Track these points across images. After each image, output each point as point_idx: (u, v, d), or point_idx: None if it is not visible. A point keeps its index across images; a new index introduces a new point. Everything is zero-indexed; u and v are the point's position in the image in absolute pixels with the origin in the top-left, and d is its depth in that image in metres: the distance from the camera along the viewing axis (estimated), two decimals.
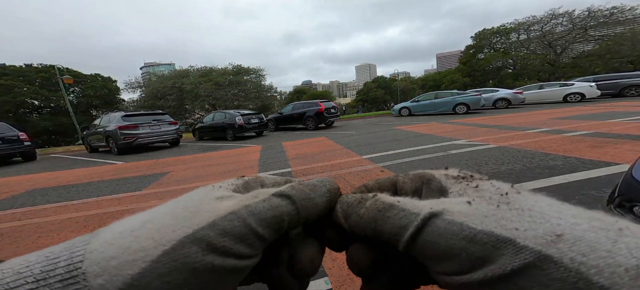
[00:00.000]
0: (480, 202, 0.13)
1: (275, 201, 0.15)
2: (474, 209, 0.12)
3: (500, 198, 0.13)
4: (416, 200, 0.14)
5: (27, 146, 7.73)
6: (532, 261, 0.10)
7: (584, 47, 22.79)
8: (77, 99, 22.77)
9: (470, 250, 0.11)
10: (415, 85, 32.55)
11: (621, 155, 2.54)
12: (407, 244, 0.13)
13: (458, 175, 0.16)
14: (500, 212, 0.12)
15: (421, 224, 0.12)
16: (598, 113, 6.05)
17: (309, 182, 0.17)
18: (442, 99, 10.92)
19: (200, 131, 9.65)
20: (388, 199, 0.15)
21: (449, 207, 0.13)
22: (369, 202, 0.15)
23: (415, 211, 0.13)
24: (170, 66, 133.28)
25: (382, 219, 0.14)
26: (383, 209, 0.14)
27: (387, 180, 0.20)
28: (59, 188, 3.56)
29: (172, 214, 0.13)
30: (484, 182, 0.14)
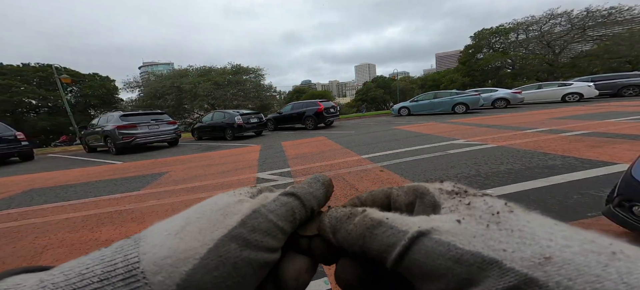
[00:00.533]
0: (470, 220, 0.13)
1: (284, 199, 0.17)
2: (463, 228, 0.12)
3: (490, 217, 0.12)
4: (406, 216, 0.14)
5: (24, 146, 7.69)
6: (517, 284, 0.10)
7: (583, 47, 22.88)
8: (75, 99, 22.67)
9: (456, 271, 0.11)
10: (414, 85, 32.60)
11: (619, 155, 2.54)
12: (395, 263, 0.13)
13: (451, 190, 0.16)
14: (490, 232, 0.12)
15: (408, 243, 0.12)
16: (596, 113, 6.07)
17: (307, 180, 0.19)
18: (441, 99, 10.94)
19: (199, 131, 9.62)
20: (377, 215, 0.15)
21: (437, 225, 0.13)
22: (357, 218, 0.15)
23: (404, 229, 0.13)
24: (169, 66, 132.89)
25: (369, 236, 0.14)
26: (371, 226, 0.14)
27: (381, 192, 0.20)
28: (56, 188, 3.54)
29: (204, 217, 0.15)
30: (477, 199, 0.14)
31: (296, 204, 0.17)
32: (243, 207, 0.16)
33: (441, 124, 6.93)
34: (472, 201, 0.14)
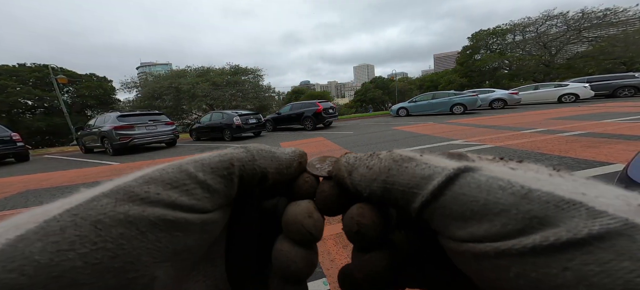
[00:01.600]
0: (526, 170, 0.10)
1: (229, 150, 0.14)
2: (520, 173, 0.10)
3: (551, 170, 0.10)
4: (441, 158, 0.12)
5: (19, 147, 7.60)
6: (617, 228, 0.08)
7: (578, 49, 23.16)
8: (72, 99, 22.49)
9: (523, 207, 0.09)
10: (413, 86, 32.74)
11: (615, 155, 2.57)
12: (427, 200, 0.11)
13: (493, 158, 0.13)
14: (555, 179, 0.10)
15: (453, 174, 0.10)
16: (592, 113, 6.13)
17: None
18: (439, 100, 10.99)
19: (197, 131, 9.58)
20: (407, 152, 0.12)
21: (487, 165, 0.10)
22: (382, 154, 0.13)
23: (441, 165, 0.11)
24: (167, 66, 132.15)
25: (397, 169, 0.12)
26: (400, 160, 0.12)
27: None
28: (52, 189, 3.50)
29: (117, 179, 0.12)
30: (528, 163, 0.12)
31: (241, 155, 0.14)
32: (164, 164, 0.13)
33: (440, 124, 6.96)
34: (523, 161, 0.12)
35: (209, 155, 0.13)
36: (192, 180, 0.12)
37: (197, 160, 0.13)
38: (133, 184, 0.11)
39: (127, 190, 0.11)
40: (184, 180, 0.12)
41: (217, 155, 0.13)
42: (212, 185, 0.12)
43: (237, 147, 0.15)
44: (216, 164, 0.13)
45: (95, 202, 0.10)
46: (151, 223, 0.10)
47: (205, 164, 0.13)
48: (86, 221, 0.09)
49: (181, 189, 0.11)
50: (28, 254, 0.08)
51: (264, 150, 0.15)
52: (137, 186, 0.11)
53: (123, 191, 0.10)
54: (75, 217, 0.09)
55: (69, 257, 0.09)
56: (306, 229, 0.14)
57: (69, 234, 0.09)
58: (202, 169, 0.12)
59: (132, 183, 0.11)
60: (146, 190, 0.11)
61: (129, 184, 0.11)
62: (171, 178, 0.11)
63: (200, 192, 0.12)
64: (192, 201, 0.12)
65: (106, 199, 0.10)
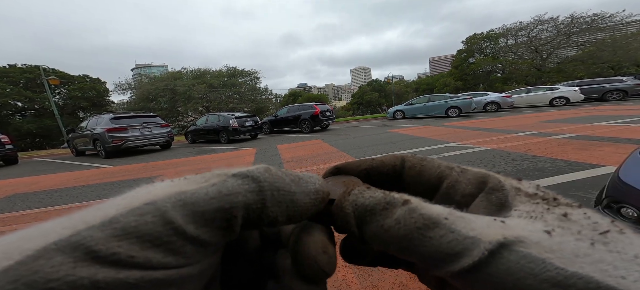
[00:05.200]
0: (564, 234, 0.09)
1: (231, 184, 0.10)
2: (557, 242, 0.09)
3: (595, 235, 0.09)
4: (470, 215, 0.10)
5: (8, 149, 7.39)
6: None
7: (568, 53, 23.81)
8: (64, 101, 22.03)
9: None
10: (408, 89, 33.04)
11: (606, 158, 2.62)
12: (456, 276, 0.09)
13: (534, 193, 0.11)
14: (597, 253, 0.08)
15: (485, 256, 0.09)
16: (582, 116, 6.28)
17: (293, 172, 0.13)
18: (435, 102, 11.13)
19: (193, 134, 9.48)
20: (429, 211, 0.10)
21: (523, 234, 0.09)
22: (399, 211, 0.11)
23: (471, 234, 0.09)
24: (162, 68, 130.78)
25: (420, 239, 0.10)
26: (423, 227, 0.10)
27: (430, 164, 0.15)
28: (40, 193, 3.40)
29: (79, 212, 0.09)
30: (574, 210, 0.10)
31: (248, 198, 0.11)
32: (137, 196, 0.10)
33: (435, 127, 7.03)
34: (567, 213, 0.10)
35: (203, 193, 0.10)
36: (180, 236, 0.09)
37: (186, 202, 0.10)
38: (96, 236, 0.08)
39: (88, 248, 0.08)
40: (169, 237, 0.09)
41: (214, 193, 0.10)
42: (206, 240, 0.10)
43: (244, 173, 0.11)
44: (212, 212, 0.10)
45: (42, 260, 0.07)
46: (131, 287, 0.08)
47: (197, 212, 0.10)
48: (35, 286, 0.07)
49: (165, 247, 0.09)
50: None
51: (282, 191, 0.12)
52: (102, 241, 0.08)
53: (84, 248, 0.08)
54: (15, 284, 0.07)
55: None
56: (320, 267, 0.12)
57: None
58: (193, 220, 0.09)
59: (94, 235, 0.08)
60: (114, 251, 0.08)
61: (89, 236, 0.08)
62: (151, 233, 0.09)
63: (190, 249, 0.09)
64: (180, 261, 0.09)
65: (59, 257, 0.08)
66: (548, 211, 0.10)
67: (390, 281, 1.13)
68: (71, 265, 0.08)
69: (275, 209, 0.11)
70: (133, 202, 0.09)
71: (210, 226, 0.10)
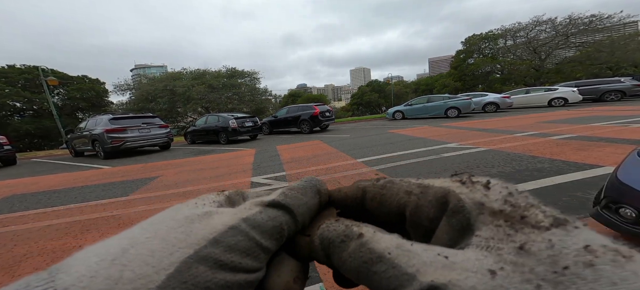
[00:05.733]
0: (511, 274, 0.08)
1: (272, 212, 0.14)
2: (497, 285, 0.08)
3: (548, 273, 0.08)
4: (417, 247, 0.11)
5: (6, 150, 7.36)
6: None
7: (566, 54, 23.93)
8: (63, 101, 21.96)
9: None
10: (408, 89, 33.11)
11: (604, 158, 2.64)
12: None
13: (500, 210, 0.11)
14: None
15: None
16: (581, 117, 6.31)
17: (297, 186, 0.16)
18: (434, 103, 11.16)
19: (192, 134, 9.47)
20: (376, 245, 0.11)
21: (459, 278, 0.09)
22: (352, 245, 0.12)
23: (410, 272, 0.10)
24: (162, 68, 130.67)
25: (366, 273, 0.11)
26: (368, 261, 0.11)
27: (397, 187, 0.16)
28: (38, 194, 3.38)
29: (157, 236, 0.12)
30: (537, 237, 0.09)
31: (286, 219, 0.15)
32: (214, 222, 0.13)
33: (435, 127, 7.05)
34: (526, 242, 0.09)
35: (261, 218, 0.14)
36: (259, 247, 0.13)
37: (255, 225, 0.13)
38: (217, 252, 0.12)
39: (216, 259, 0.11)
40: (253, 248, 0.13)
41: (268, 219, 0.14)
42: (271, 248, 0.14)
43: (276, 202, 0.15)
44: (271, 229, 0.14)
45: (194, 269, 0.11)
46: (239, 285, 0.12)
47: (265, 231, 0.13)
48: (198, 288, 0.10)
49: (252, 255, 0.13)
50: None
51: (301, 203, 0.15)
52: (222, 254, 0.12)
53: (213, 260, 0.11)
54: (186, 284, 0.10)
55: None
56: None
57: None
58: (262, 236, 0.13)
59: (216, 251, 0.12)
60: (231, 259, 0.12)
61: (213, 252, 0.12)
62: (245, 247, 0.12)
63: (263, 256, 0.13)
64: (257, 264, 0.13)
65: (203, 267, 0.11)
66: (508, 238, 0.10)
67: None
68: (211, 272, 0.11)
69: (303, 218, 0.15)
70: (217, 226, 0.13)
71: (270, 238, 0.14)
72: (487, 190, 0.12)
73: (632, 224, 1.02)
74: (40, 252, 1.72)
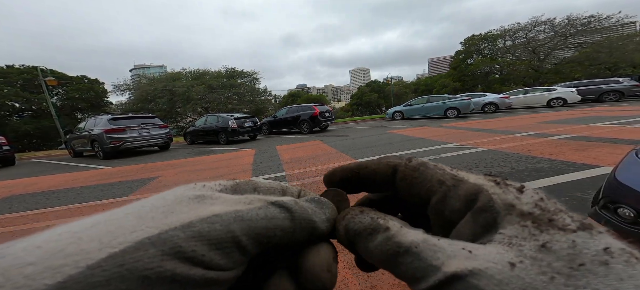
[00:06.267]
0: (529, 267, 0.09)
1: (273, 211, 0.13)
2: (515, 275, 0.09)
3: (564, 268, 0.09)
4: (442, 241, 0.11)
5: (5, 150, 7.35)
6: None
7: (565, 54, 23.99)
8: (62, 102, 21.92)
9: None
10: (407, 90, 33.15)
11: (603, 158, 2.65)
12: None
13: (528, 213, 0.11)
14: (550, 287, 0.09)
15: (436, 284, 0.10)
16: (579, 117, 6.33)
17: (310, 201, 0.15)
18: (433, 103, 11.17)
19: (191, 135, 9.46)
20: (403, 239, 0.12)
21: (481, 267, 0.10)
22: (379, 237, 0.12)
23: (435, 264, 0.10)
24: (161, 69, 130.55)
25: (394, 263, 0.12)
26: (395, 254, 0.12)
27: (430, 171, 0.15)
28: (38, 194, 3.38)
29: (136, 214, 0.11)
30: (562, 236, 0.10)
31: (285, 225, 0.13)
32: (203, 208, 0.12)
33: (434, 128, 7.06)
34: (549, 241, 0.10)
35: (254, 214, 0.12)
36: (235, 244, 0.11)
37: (243, 219, 0.12)
38: (180, 236, 0.10)
39: (174, 245, 0.10)
40: (227, 243, 0.11)
41: (264, 217, 0.12)
42: (249, 250, 0.12)
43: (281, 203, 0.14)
44: (260, 231, 0.12)
45: (141, 251, 0.09)
46: (194, 283, 0.10)
47: (252, 228, 0.12)
48: (133, 275, 0.09)
49: (223, 251, 0.11)
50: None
51: (307, 220, 0.14)
52: (184, 241, 0.10)
53: (170, 244, 0.10)
54: (121, 268, 0.09)
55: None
56: (322, 284, 0.13)
57: (114, 286, 0.09)
58: (247, 234, 0.12)
59: (179, 235, 0.10)
60: (193, 249, 0.10)
61: (175, 236, 0.10)
62: (217, 238, 0.11)
63: (237, 256, 0.12)
64: (228, 263, 0.11)
65: (152, 249, 0.10)
66: (532, 237, 0.10)
67: (389, 282, 1.13)
68: (159, 258, 0.10)
69: (301, 235, 0.14)
70: (201, 212, 0.11)
71: (255, 240, 0.12)
72: (519, 193, 0.13)
73: (631, 224, 1.03)
74: None
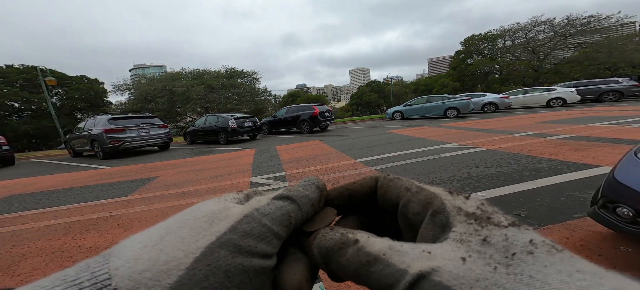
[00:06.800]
0: (477, 260, 0.11)
1: (279, 203, 0.16)
2: (467, 269, 0.11)
3: (502, 258, 0.11)
4: (407, 246, 0.13)
5: (5, 150, 7.34)
6: None
7: (565, 54, 24.00)
8: (61, 102, 21.88)
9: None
10: (407, 89, 33.16)
11: (602, 158, 2.65)
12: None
13: (472, 213, 0.14)
14: (496, 276, 0.10)
15: (407, 286, 0.11)
16: (579, 117, 6.34)
17: (301, 183, 0.19)
18: (433, 103, 11.18)
19: (191, 135, 9.45)
20: (372, 248, 0.13)
21: (439, 265, 0.11)
22: (350, 250, 0.14)
23: (402, 267, 0.12)
24: (161, 68, 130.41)
25: (365, 274, 0.13)
26: (366, 263, 0.13)
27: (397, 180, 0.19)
28: (37, 194, 3.37)
29: (187, 226, 0.14)
30: (496, 232, 0.12)
31: (292, 207, 0.16)
32: (232, 213, 0.15)
33: (434, 128, 7.06)
34: (489, 236, 0.12)
35: (269, 207, 0.16)
36: (271, 232, 0.15)
37: (266, 213, 0.15)
38: (234, 237, 0.13)
39: (235, 244, 0.13)
40: (266, 234, 0.14)
41: (276, 208, 0.16)
42: (282, 234, 0.15)
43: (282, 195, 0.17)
44: (280, 217, 0.15)
45: (215, 253, 0.13)
46: (255, 270, 0.13)
47: (275, 218, 0.15)
48: (220, 270, 0.12)
49: (266, 241, 0.14)
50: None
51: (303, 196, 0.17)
52: (239, 240, 0.13)
53: (232, 244, 0.13)
54: (209, 267, 0.12)
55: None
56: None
57: (212, 281, 0.12)
58: (274, 223, 0.15)
59: (233, 237, 0.13)
60: (248, 244, 0.13)
61: (231, 238, 0.13)
62: (260, 232, 0.14)
63: (276, 241, 0.15)
64: (270, 249, 0.14)
65: (223, 251, 0.13)
66: (476, 233, 0.13)
67: None
68: (231, 256, 0.13)
69: (306, 208, 0.17)
70: (234, 216, 0.14)
71: (280, 225, 0.15)
72: (466, 199, 0.15)
73: (630, 223, 1.03)
74: (39, 252, 1.71)
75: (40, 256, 1.65)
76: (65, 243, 1.81)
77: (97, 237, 1.87)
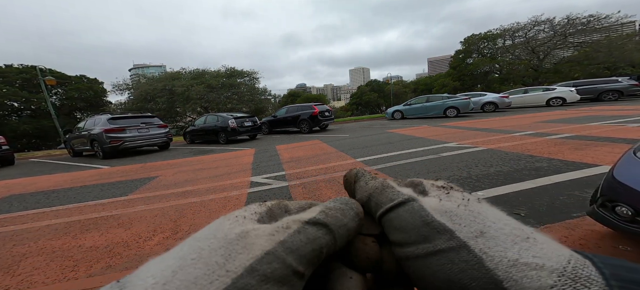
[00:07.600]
0: (445, 202, 0.16)
1: (312, 232, 0.15)
2: (441, 204, 0.16)
3: (462, 201, 0.16)
4: (409, 189, 0.18)
5: (4, 150, 7.34)
6: (456, 246, 0.13)
7: (564, 54, 23.98)
8: (61, 101, 21.86)
9: (422, 230, 0.15)
10: (407, 89, 33.15)
11: (601, 157, 2.66)
12: (387, 211, 0.17)
13: (441, 186, 0.19)
14: (458, 210, 0.15)
15: (401, 200, 0.17)
16: (578, 117, 6.35)
17: (337, 204, 0.17)
18: (433, 103, 11.18)
19: (191, 134, 9.45)
20: (389, 182, 0.20)
21: (425, 200, 0.16)
22: (379, 179, 0.20)
23: (404, 192, 0.18)
24: (160, 68, 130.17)
25: (382, 190, 0.19)
26: (386, 186, 0.19)
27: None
28: (37, 194, 3.37)
29: (201, 259, 0.13)
30: (456, 192, 0.18)
31: (327, 240, 0.15)
32: (251, 243, 0.13)
33: (434, 127, 7.06)
34: (451, 192, 0.18)
35: (300, 241, 0.14)
36: (294, 273, 0.13)
37: (292, 249, 0.14)
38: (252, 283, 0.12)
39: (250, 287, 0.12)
40: (289, 276, 0.13)
41: (307, 241, 0.14)
42: (305, 274, 0.14)
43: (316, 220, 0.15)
44: (309, 253, 0.14)
45: None
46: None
47: (303, 256, 0.14)
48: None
49: (288, 284, 0.13)
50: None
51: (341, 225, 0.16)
52: (258, 286, 0.12)
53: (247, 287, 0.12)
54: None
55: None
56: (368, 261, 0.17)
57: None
58: (300, 262, 0.13)
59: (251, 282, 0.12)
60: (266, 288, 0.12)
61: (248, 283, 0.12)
62: (281, 276, 0.13)
63: (298, 284, 0.13)
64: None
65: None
66: (444, 192, 0.18)
67: None
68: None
69: (341, 241, 0.16)
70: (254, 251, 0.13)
71: (309, 263, 0.14)
72: (435, 181, 0.21)
73: (629, 222, 1.03)
74: (39, 251, 1.71)
75: (40, 256, 1.66)
76: (65, 242, 1.81)
77: (97, 236, 1.87)
